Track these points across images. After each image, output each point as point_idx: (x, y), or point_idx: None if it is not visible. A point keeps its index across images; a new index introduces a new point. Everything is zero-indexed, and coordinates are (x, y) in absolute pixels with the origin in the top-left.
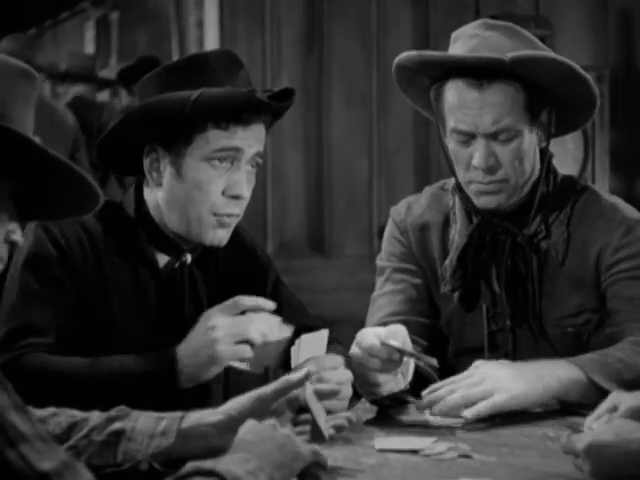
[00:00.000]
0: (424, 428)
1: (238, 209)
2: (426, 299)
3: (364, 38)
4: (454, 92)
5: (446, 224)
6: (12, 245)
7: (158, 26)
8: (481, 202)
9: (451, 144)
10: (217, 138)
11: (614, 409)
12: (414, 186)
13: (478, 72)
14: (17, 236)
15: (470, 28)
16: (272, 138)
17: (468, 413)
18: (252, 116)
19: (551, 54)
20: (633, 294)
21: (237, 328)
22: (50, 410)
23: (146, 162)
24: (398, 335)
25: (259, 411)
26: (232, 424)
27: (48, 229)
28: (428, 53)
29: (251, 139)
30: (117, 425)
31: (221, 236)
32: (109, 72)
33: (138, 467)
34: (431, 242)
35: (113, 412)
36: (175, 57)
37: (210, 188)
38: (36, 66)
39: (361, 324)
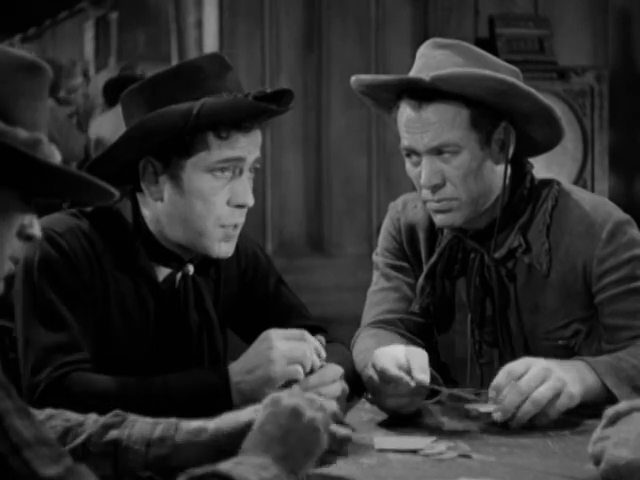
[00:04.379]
0: (425, 427)
1: (242, 218)
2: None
3: (363, 38)
4: (401, 112)
5: (432, 229)
6: (29, 239)
7: (157, 26)
8: (437, 220)
9: (406, 164)
10: (219, 148)
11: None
12: (413, 186)
13: (417, 92)
14: (34, 230)
15: (422, 48)
16: (271, 138)
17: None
18: (253, 123)
19: (481, 71)
20: (635, 308)
21: (294, 352)
22: (46, 412)
23: (143, 177)
24: (418, 357)
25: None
26: (222, 443)
27: (51, 237)
28: (364, 77)
29: (251, 146)
30: (113, 434)
31: (227, 249)
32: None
33: (137, 477)
34: (419, 244)
35: (109, 418)
36: (174, 57)
37: (214, 199)
38: None
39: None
